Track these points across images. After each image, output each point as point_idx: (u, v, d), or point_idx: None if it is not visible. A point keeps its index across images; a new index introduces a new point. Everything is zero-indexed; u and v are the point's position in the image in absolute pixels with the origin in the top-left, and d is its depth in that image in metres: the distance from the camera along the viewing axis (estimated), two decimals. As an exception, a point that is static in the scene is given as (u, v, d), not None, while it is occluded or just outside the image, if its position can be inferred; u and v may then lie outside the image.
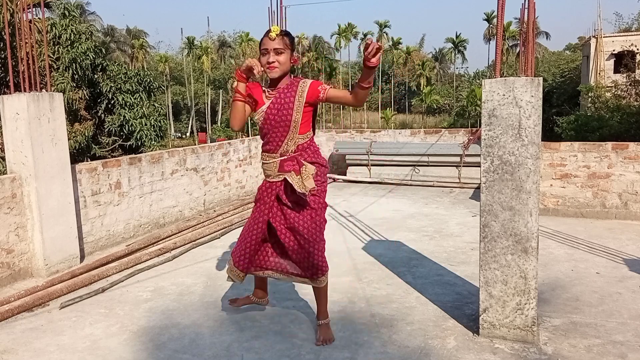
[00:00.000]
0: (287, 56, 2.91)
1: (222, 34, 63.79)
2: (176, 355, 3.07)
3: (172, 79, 56.54)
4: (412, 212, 6.79)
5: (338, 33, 57.86)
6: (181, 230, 5.89)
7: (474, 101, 42.82)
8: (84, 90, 14.29)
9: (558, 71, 37.65)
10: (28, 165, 4.43)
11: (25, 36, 4.54)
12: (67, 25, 14.11)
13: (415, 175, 8.95)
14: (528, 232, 3.00)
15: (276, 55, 2.87)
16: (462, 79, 62.43)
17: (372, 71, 2.67)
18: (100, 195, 5.38)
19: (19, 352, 3.16)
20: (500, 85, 2.98)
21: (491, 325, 3.14)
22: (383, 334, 3.25)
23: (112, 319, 3.60)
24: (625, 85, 21.22)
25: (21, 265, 4.49)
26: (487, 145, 3.04)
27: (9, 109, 4.45)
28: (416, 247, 5.12)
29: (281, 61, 2.88)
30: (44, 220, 4.50)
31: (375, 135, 10.12)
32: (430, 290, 3.98)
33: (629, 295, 3.80)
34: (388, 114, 51.15)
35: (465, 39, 58.45)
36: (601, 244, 5.08)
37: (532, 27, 3.25)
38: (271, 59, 2.87)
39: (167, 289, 4.15)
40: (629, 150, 5.99)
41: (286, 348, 3.11)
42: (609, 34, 28.95)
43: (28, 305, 3.79)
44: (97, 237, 5.33)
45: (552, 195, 6.33)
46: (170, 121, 46.83)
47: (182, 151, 6.72)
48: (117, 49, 51.54)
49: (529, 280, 3.04)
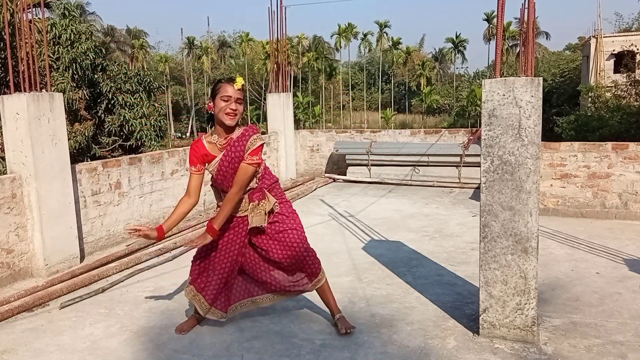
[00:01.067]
0: (243, 107, 3.02)
1: (222, 34, 63.80)
2: (176, 355, 3.07)
3: (172, 79, 56.52)
4: (412, 212, 6.79)
5: (338, 33, 57.84)
6: (181, 230, 5.89)
7: (474, 101, 42.82)
8: (84, 90, 14.28)
9: (558, 71, 37.62)
10: (28, 165, 4.43)
11: (25, 36, 4.54)
12: (67, 25, 14.09)
13: (415, 175, 8.95)
14: (528, 232, 3.00)
15: (237, 105, 2.95)
16: (462, 79, 62.42)
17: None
18: (100, 195, 5.38)
19: (19, 352, 3.16)
20: (500, 85, 2.98)
21: (491, 325, 3.14)
22: (383, 334, 3.25)
23: (112, 319, 3.60)
24: (625, 85, 21.21)
25: (21, 265, 4.49)
26: (487, 145, 3.04)
27: (9, 109, 4.45)
28: (416, 247, 5.12)
29: (240, 110, 2.98)
30: (44, 221, 4.50)
31: (375, 135, 10.12)
32: (431, 290, 3.98)
33: (629, 295, 3.80)
34: (388, 114, 51.16)
35: (465, 39, 58.40)
36: (601, 244, 5.08)
37: (532, 27, 3.25)
38: (233, 107, 2.94)
39: (167, 289, 4.15)
40: (629, 150, 5.99)
41: (286, 348, 3.11)
42: (609, 34, 28.93)
43: (28, 305, 3.79)
44: (97, 237, 5.33)
45: (552, 195, 6.33)
46: (170, 121, 46.82)
47: (182, 151, 6.72)
48: (117, 49, 51.51)
49: (529, 280, 3.04)
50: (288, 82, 9.78)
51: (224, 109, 2.92)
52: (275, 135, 9.27)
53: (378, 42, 61.36)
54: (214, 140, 3.03)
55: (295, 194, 7.95)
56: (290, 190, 8.30)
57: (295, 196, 7.85)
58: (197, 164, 3.05)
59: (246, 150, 2.96)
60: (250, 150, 2.95)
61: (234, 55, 59.14)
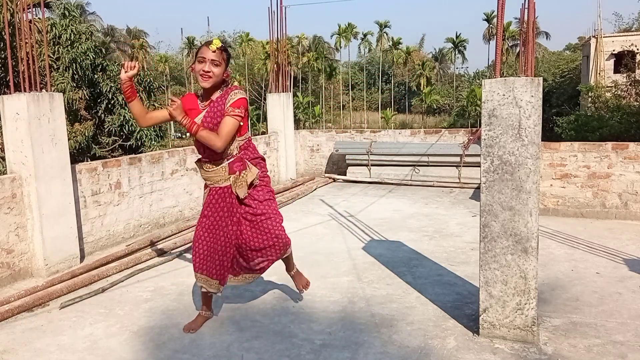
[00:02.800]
0: (222, 69, 3.03)
1: (222, 34, 63.78)
2: (176, 355, 3.07)
3: (172, 79, 56.52)
4: (412, 212, 6.79)
5: (338, 33, 57.84)
6: (181, 230, 5.89)
7: (474, 101, 42.80)
8: (84, 90, 14.27)
9: (558, 71, 37.61)
10: (28, 165, 4.43)
11: (25, 36, 4.54)
12: (67, 26, 14.09)
13: (415, 175, 8.95)
14: (528, 232, 3.00)
15: (212, 67, 2.98)
16: (462, 79, 62.39)
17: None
18: (100, 195, 5.38)
19: (19, 352, 3.16)
20: (500, 85, 2.98)
21: (491, 325, 3.14)
22: (383, 334, 3.25)
23: (112, 319, 3.60)
24: (625, 85, 21.19)
25: (21, 265, 4.49)
26: (487, 145, 3.04)
27: (9, 109, 4.45)
28: (416, 247, 5.12)
29: (216, 73, 3.00)
30: (44, 221, 4.50)
31: (375, 135, 10.12)
32: (430, 290, 3.98)
33: (629, 295, 3.80)
34: (388, 114, 51.13)
35: (465, 39, 58.36)
36: (601, 244, 5.08)
37: (532, 27, 3.25)
38: (207, 68, 2.97)
39: (167, 289, 4.15)
40: (629, 150, 5.99)
41: (286, 348, 3.11)
42: (609, 34, 28.91)
43: (28, 305, 3.79)
44: (97, 237, 5.33)
45: (552, 195, 6.33)
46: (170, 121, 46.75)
47: (182, 151, 6.72)
48: (117, 49, 51.47)
49: (529, 280, 3.04)
50: (288, 82, 9.78)
51: (199, 71, 2.98)
52: (275, 135, 9.27)
53: (378, 42, 61.36)
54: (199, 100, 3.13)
55: (295, 194, 7.95)
56: (290, 190, 8.31)
57: (295, 196, 7.85)
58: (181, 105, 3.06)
59: (227, 103, 3.00)
60: (230, 103, 2.99)
61: (234, 55, 59.13)
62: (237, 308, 3.69)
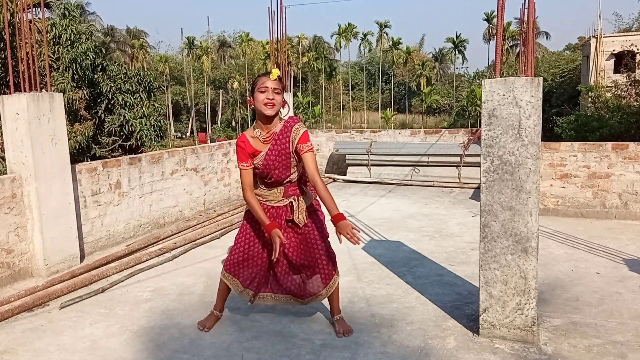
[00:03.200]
0: (281, 97, 3.10)
1: (222, 34, 63.80)
2: (176, 355, 3.07)
3: (172, 79, 56.53)
4: (412, 212, 6.79)
5: (338, 33, 57.87)
6: (181, 230, 5.89)
7: (474, 101, 42.83)
8: (84, 90, 14.28)
9: (558, 71, 37.59)
10: (28, 165, 4.43)
11: (25, 36, 4.54)
12: (67, 26, 14.10)
13: (415, 175, 8.95)
14: (528, 232, 3.00)
15: (274, 94, 3.04)
16: (462, 79, 62.42)
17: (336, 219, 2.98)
18: (100, 195, 5.38)
19: (19, 352, 3.16)
20: (500, 85, 2.98)
21: (491, 325, 3.14)
22: (383, 334, 3.25)
23: (112, 319, 3.60)
24: (625, 85, 21.18)
25: (21, 265, 4.49)
26: (487, 145, 3.04)
27: (9, 109, 4.45)
28: (416, 247, 5.12)
29: (277, 100, 3.05)
30: (44, 221, 4.50)
31: (375, 135, 10.12)
32: (430, 290, 3.98)
33: (629, 295, 3.80)
34: (388, 114, 51.15)
35: (465, 39, 58.39)
36: (601, 244, 5.08)
37: (532, 27, 3.25)
38: (270, 96, 3.02)
39: (167, 289, 4.15)
40: (629, 150, 5.99)
41: (286, 348, 3.11)
42: (609, 34, 28.90)
43: (28, 305, 3.79)
44: (97, 237, 5.33)
45: (552, 195, 6.33)
46: (170, 121, 46.82)
47: (182, 151, 6.72)
48: (117, 49, 51.50)
49: (529, 280, 3.04)
50: (288, 82, 9.78)
51: (262, 100, 3.01)
52: (275, 135, 9.26)
53: (378, 42, 61.39)
54: (256, 135, 3.12)
55: (295, 194, 7.95)
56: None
57: (295, 196, 7.85)
58: (247, 160, 3.11)
59: (291, 141, 3.05)
60: (298, 139, 3.04)
61: (234, 55, 59.13)
62: (237, 308, 3.69)
